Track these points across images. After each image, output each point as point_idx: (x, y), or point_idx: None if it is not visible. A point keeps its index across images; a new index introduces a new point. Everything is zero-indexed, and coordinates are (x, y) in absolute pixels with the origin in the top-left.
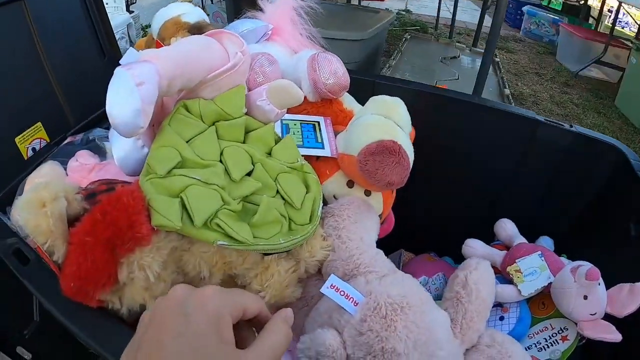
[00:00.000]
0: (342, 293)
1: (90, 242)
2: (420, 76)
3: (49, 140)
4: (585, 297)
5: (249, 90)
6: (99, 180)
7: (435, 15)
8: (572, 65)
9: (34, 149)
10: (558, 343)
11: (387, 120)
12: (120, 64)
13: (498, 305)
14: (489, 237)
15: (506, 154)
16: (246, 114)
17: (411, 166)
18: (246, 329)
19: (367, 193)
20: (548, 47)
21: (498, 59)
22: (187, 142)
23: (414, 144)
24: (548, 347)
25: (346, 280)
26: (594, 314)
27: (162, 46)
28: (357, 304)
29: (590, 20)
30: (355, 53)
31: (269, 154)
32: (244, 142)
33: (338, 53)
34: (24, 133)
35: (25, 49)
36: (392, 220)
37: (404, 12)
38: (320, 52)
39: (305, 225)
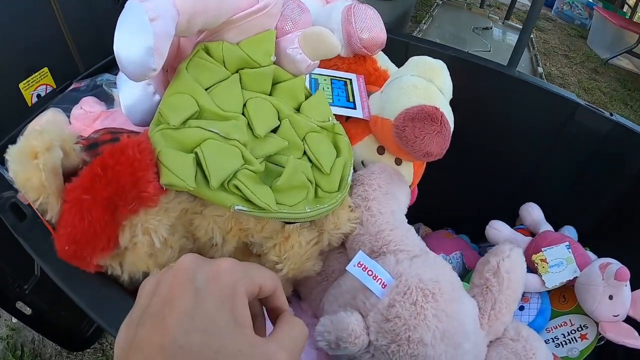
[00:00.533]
0: (369, 273)
1: (88, 201)
2: (451, 44)
3: (55, 87)
4: (611, 297)
5: (277, 38)
6: (103, 128)
7: None
8: (602, 52)
9: (39, 96)
10: (577, 341)
11: (429, 84)
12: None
13: None
14: (510, 221)
15: (540, 134)
16: (275, 62)
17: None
18: (257, 306)
19: (398, 162)
20: (579, 30)
21: (533, 36)
22: (206, 89)
23: None
24: (566, 343)
25: (374, 257)
26: (616, 316)
27: None
28: (385, 286)
29: (625, 8)
30: (384, 13)
31: (298, 109)
32: (270, 95)
33: None
34: (29, 78)
35: None
36: (415, 193)
37: None
38: (356, 2)
39: (334, 193)
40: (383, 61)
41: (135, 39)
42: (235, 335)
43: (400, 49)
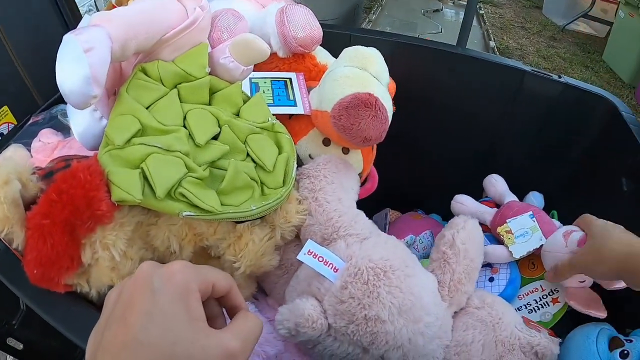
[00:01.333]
0: (320, 259)
1: (47, 225)
2: (401, 30)
3: (16, 123)
4: None
5: (213, 48)
6: (58, 157)
7: None
8: (558, 20)
9: (1, 134)
10: (549, 305)
11: (362, 72)
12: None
13: (487, 265)
14: (477, 194)
15: (492, 106)
16: (210, 73)
17: (390, 120)
18: (215, 307)
19: (345, 151)
20: (534, 0)
21: (483, 12)
22: (147, 108)
23: (395, 98)
24: (539, 308)
25: (326, 244)
26: (582, 282)
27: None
28: (337, 270)
29: None
30: (334, 9)
31: (238, 114)
32: (209, 104)
33: (314, 8)
34: None
35: None
36: (376, 179)
37: None
38: (289, 4)
39: (279, 188)
40: (323, 56)
41: (73, 71)
42: (190, 327)
43: (343, 41)
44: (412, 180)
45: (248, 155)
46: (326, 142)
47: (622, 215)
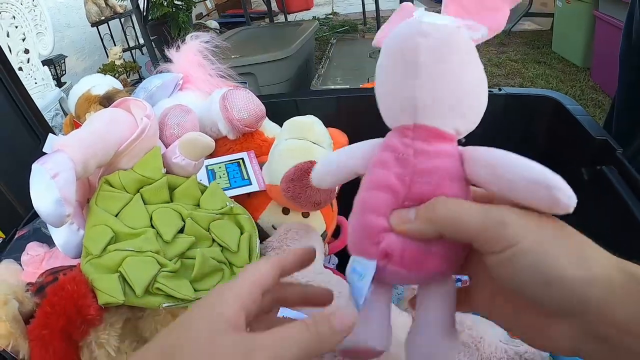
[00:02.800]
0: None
1: (47, 335)
2: (352, 77)
3: (4, 236)
4: None
5: (168, 145)
6: (46, 271)
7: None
8: None
9: None
10: None
11: (302, 142)
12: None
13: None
14: None
15: None
16: (167, 172)
17: None
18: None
19: (305, 215)
20: None
21: None
22: (116, 215)
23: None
24: None
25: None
26: None
27: (79, 125)
28: None
29: None
30: (284, 71)
31: (198, 205)
32: (171, 201)
33: (266, 76)
34: None
35: None
36: (346, 225)
37: (331, 16)
38: (230, 89)
39: (245, 266)
40: (270, 129)
41: (44, 196)
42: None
43: (291, 107)
44: None
45: (214, 240)
46: (285, 210)
47: (589, 205)
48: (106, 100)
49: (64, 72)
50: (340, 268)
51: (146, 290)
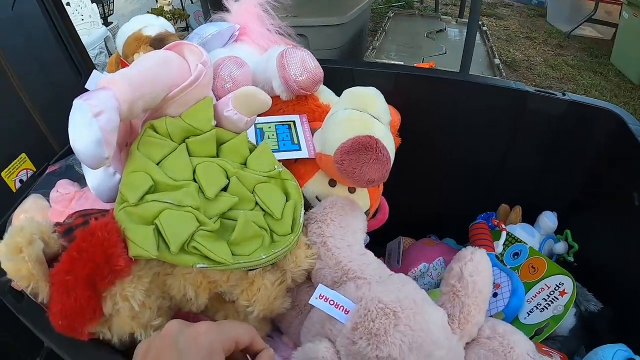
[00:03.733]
0: (331, 302)
1: (70, 281)
2: (406, 54)
3: (35, 170)
4: None
5: (218, 98)
6: (76, 212)
7: None
8: (563, 26)
9: (21, 181)
10: (557, 299)
11: (362, 114)
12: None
13: None
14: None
15: (499, 129)
16: (216, 125)
17: (392, 159)
18: (240, 358)
19: (351, 190)
20: (537, 9)
21: (486, 28)
22: (157, 163)
23: (400, 129)
24: (549, 305)
25: (336, 287)
26: None
27: (126, 65)
28: (348, 311)
29: None
30: (337, 39)
31: (245, 164)
32: (217, 156)
33: (318, 41)
34: (9, 166)
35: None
36: (386, 209)
37: None
38: (288, 47)
39: (288, 235)
40: (326, 95)
41: (85, 135)
42: None
43: (346, 76)
44: (423, 205)
45: (257, 204)
46: (332, 183)
47: (637, 230)
48: (158, 42)
49: (111, 12)
50: (370, 247)
51: (182, 247)
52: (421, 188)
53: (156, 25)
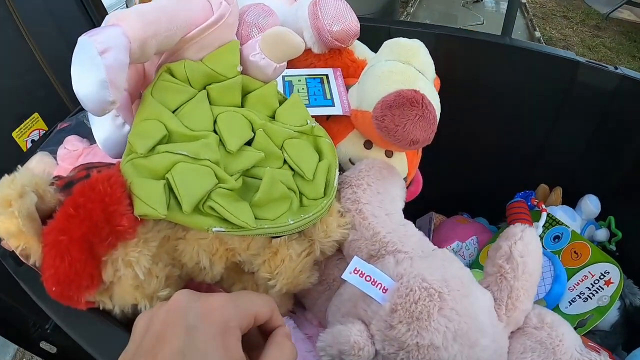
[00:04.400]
0: (367, 279)
1: (64, 242)
2: (441, 23)
3: (47, 129)
4: None
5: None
6: (80, 165)
7: None
8: (601, 7)
9: (33, 141)
10: (603, 289)
11: (406, 66)
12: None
13: None
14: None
15: (543, 101)
16: (242, 72)
17: (438, 119)
18: (256, 337)
19: (389, 154)
20: None
21: (525, 1)
22: (173, 111)
23: (439, 94)
24: (593, 294)
25: (373, 261)
26: None
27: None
28: (386, 290)
29: None
30: (370, 4)
31: (273, 117)
32: (242, 106)
33: (353, 4)
34: (21, 126)
35: (12, 39)
36: (420, 181)
37: None
38: None
39: (319, 199)
40: (361, 51)
41: (87, 75)
42: None
43: (381, 36)
44: (457, 181)
45: (285, 162)
46: (367, 144)
47: None
48: None
49: None
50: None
51: (196, 207)
52: (455, 162)
53: None
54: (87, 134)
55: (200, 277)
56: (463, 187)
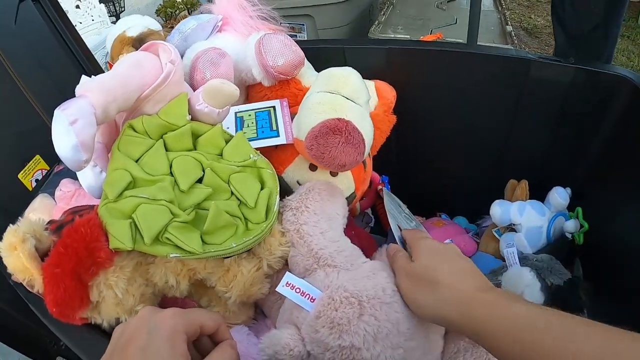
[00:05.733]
0: (297, 290)
1: (59, 273)
2: (414, 27)
3: (48, 168)
4: None
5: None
6: (68, 209)
7: None
8: None
9: (37, 180)
10: None
11: (334, 96)
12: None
13: None
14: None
15: (503, 101)
16: (192, 119)
17: (367, 140)
18: (208, 344)
19: (333, 174)
20: None
21: None
22: (137, 160)
23: (398, 103)
24: None
25: (307, 274)
26: None
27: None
28: (314, 300)
29: None
30: (344, 16)
31: (221, 154)
32: (195, 148)
33: (324, 20)
34: (25, 168)
35: (11, 91)
36: (377, 179)
37: None
38: (267, 33)
39: (261, 223)
40: (309, 78)
41: (63, 141)
42: None
43: (338, 56)
44: (431, 183)
45: (232, 193)
46: (312, 167)
47: None
48: (138, 43)
49: (122, 9)
50: (377, 226)
51: (156, 238)
52: (428, 165)
53: (140, 26)
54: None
55: (170, 293)
56: (438, 188)
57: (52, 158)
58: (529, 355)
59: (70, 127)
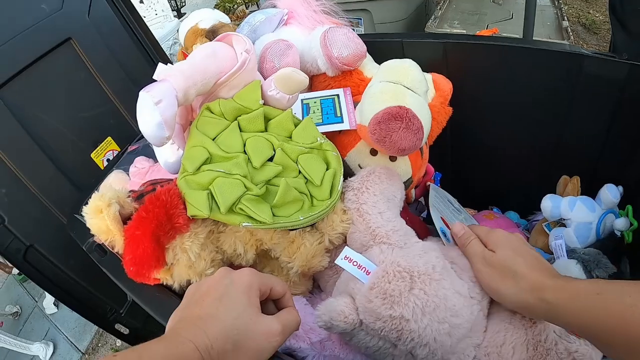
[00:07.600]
0: (354, 263)
1: (139, 235)
2: (470, 22)
3: (119, 150)
4: None
5: (267, 78)
6: (147, 181)
7: None
8: None
9: (108, 160)
10: None
11: (395, 86)
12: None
13: None
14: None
15: (557, 95)
16: (264, 104)
17: (427, 128)
18: (272, 308)
19: (392, 159)
20: None
21: None
22: (213, 139)
23: (457, 99)
24: None
25: (364, 250)
26: None
27: (187, 56)
28: (369, 273)
29: None
30: (400, 11)
31: (290, 137)
32: (266, 130)
33: (381, 14)
34: (97, 149)
35: (85, 78)
36: (432, 171)
37: None
38: (332, 27)
39: (325, 200)
40: (370, 69)
41: (148, 119)
42: (248, 310)
43: (396, 49)
44: (484, 177)
45: (300, 172)
46: (373, 152)
47: None
48: (211, 34)
49: (183, 4)
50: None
51: (230, 209)
52: (482, 159)
53: (211, 19)
54: (152, 155)
55: (237, 261)
56: (491, 182)
57: (122, 140)
58: (594, 314)
59: (155, 107)
